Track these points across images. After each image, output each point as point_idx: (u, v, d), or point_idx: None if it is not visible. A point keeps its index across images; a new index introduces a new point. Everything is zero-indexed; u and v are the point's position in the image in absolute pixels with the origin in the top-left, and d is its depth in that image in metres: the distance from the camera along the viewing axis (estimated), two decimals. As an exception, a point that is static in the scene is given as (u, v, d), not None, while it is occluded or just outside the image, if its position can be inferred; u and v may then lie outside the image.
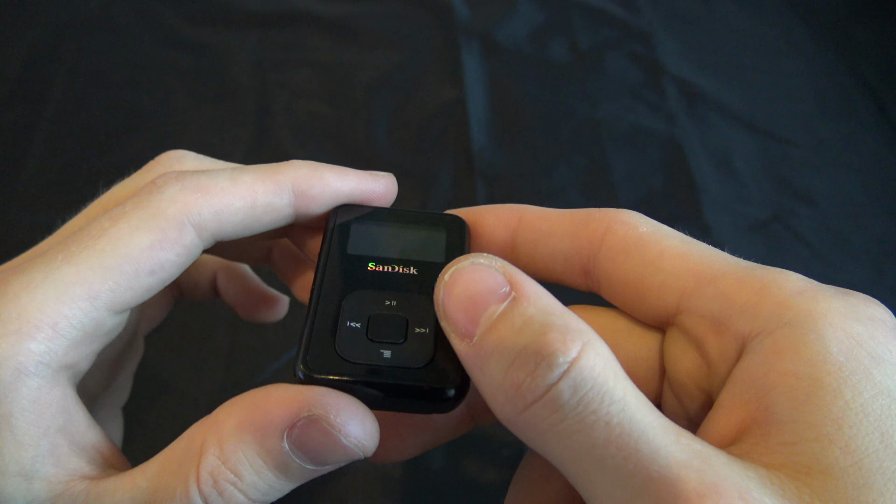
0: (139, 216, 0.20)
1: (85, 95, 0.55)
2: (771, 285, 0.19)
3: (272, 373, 0.43)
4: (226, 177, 0.22)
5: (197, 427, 0.20)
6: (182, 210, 0.21)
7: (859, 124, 0.61)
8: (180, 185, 0.21)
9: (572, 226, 0.23)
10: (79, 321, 0.20)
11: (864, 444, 0.16)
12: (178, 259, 0.21)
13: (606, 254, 0.22)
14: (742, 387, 0.18)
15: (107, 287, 0.20)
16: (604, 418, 0.16)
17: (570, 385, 0.17)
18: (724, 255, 0.21)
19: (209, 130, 0.55)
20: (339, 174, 0.24)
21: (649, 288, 0.21)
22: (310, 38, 0.61)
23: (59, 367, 0.20)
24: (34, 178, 0.51)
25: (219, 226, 0.21)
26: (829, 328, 0.17)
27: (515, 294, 0.18)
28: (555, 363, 0.17)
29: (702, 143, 0.58)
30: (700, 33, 0.65)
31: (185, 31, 0.60)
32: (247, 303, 0.32)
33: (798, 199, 0.56)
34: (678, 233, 0.22)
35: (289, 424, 0.19)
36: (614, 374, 0.17)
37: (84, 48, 0.58)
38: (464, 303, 0.19)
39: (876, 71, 0.64)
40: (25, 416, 0.19)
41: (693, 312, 0.20)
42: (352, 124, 0.56)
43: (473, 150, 0.55)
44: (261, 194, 0.22)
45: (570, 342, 0.17)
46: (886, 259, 0.53)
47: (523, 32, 0.63)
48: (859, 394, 0.16)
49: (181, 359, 0.43)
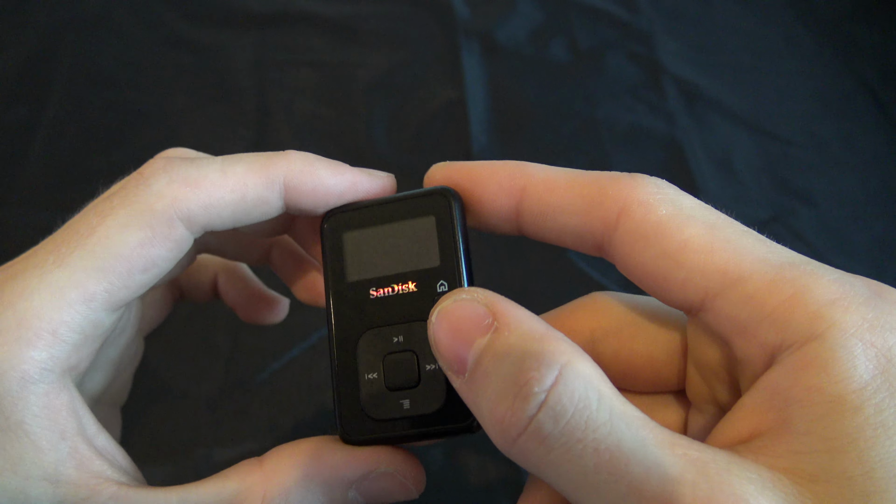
0: (127, 212, 0.20)
1: (85, 95, 0.55)
2: (801, 292, 0.18)
3: (272, 373, 0.43)
4: (216, 168, 0.21)
5: (248, 473, 0.21)
6: (171, 204, 0.21)
7: (859, 124, 0.61)
8: (168, 177, 0.21)
9: (584, 202, 0.21)
10: (77, 324, 0.20)
11: (877, 455, 0.16)
12: (169, 254, 0.21)
13: (622, 239, 0.20)
14: (766, 395, 0.18)
15: (102, 288, 0.20)
16: (591, 445, 0.16)
17: (550, 416, 0.16)
18: (753, 242, 0.19)
19: (209, 130, 0.55)
20: (334, 171, 0.23)
21: (671, 282, 0.20)
22: (310, 38, 0.61)
23: (63, 371, 0.20)
24: (34, 178, 0.51)
25: (208, 219, 0.21)
26: (858, 343, 0.17)
27: (497, 324, 0.18)
28: (531, 394, 0.17)
29: (702, 143, 0.58)
30: (700, 33, 0.65)
31: (185, 31, 0.60)
32: (247, 304, 0.32)
33: (798, 199, 0.56)
34: (703, 212, 0.20)
35: (360, 478, 0.21)
36: (598, 394, 0.17)
37: (84, 48, 0.58)
38: (452, 340, 0.19)
39: (876, 71, 0.64)
40: (39, 421, 0.19)
41: (717, 313, 0.19)
42: (352, 124, 0.56)
43: (473, 150, 0.55)
44: (251, 187, 0.22)
45: (546, 369, 0.17)
46: (886, 259, 0.53)
47: (523, 32, 0.63)
48: (881, 411, 0.16)
49: (181, 359, 0.43)
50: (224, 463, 0.40)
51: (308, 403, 0.43)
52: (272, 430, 0.42)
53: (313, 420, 0.42)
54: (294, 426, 0.42)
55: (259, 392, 0.43)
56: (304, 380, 0.44)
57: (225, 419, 0.42)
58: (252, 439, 0.41)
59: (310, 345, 0.45)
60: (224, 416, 0.42)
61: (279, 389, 0.43)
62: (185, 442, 0.41)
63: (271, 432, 0.42)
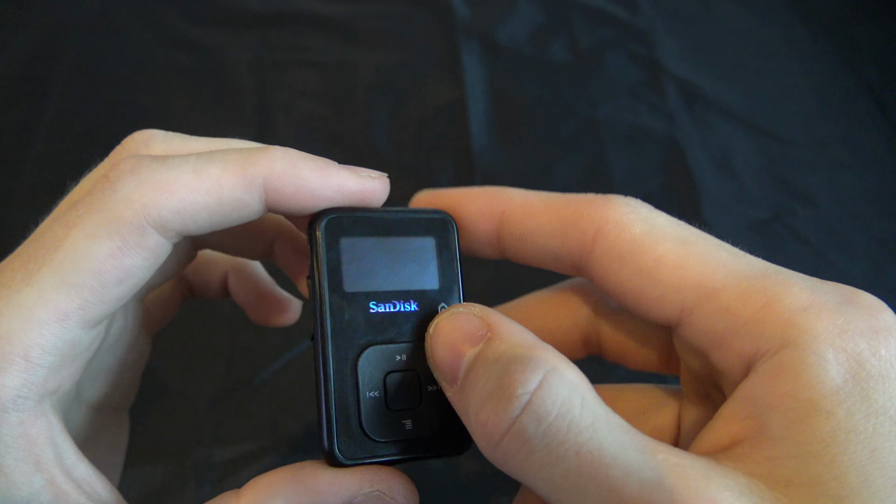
0: (94, 221, 0.19)
1: (85, 95, 0.55)
2: (774, 301, 0.18)
3: (272, 373, 0.43)
4: (188, 169, 0.20)
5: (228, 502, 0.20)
6: (140, 211, 0.19)
7: (859, 124, 0.61)
8: (136, 180, 0.19)
9: (560, 224, 0.22)
10: (52, 345, 0.19)
11: (850, 460, 0.16)
12: (145, 263, 0.20)
13: (599, 258, 0.21)
14: (743, 403, 0.18)
15: (75, 305, 0.19)
16: (573, 448, 0.16)
17: (534, 418, 0.17)
18: (726, 255, 0.20)
19: (209, 130, 0.54)
20: (320, 173, 0.21)
21: (648, 299, 0.20)
22: (310, 38, 0.61)
23: (40, 397, 0.19)
24: (34, 178, 0.51)
25: (182, 224, 0.20)
26: (830, 349, 0.17)
27: (490, 334, 0.19)
28: (514, 396, 0.17)
29: (702, 143, 0.58)
30: (700, 33, 0.65)
31: (185, 31, 0.60)
32: (257, 305, 0.30)
33: (798, 199, 0.56)
34: (676, 229, 0.21)
35: (345, 501, 0.20)
36: (581, 399, 0.17)
37: (84, 48, 0.58)
38: (447, 351, 0.19)
39: (876, 71, 0.64)
40: (12, 452, 0.18)
41: (694, 326, 0.20)
42: (352, 124, 0.56)
43: (473, 150, 0.55)
44: (227, 189, 0.20)
45: (531, 372, 0.17)
46: (886, 259, 0.53)
47: (523, 32, 0.63)
48: (852, 414, 0.17)
49: (181, 359, 0.43)
50: (224, 463, 0.40)
51: (308, 403, 0.43)
52: (272, 430, 0.42)
53: (313, 420, 0.42)
54: (294, 426, 0.42)
55: (259, 392, 0.43)
56: (305, 380, 0.43)
57: (225, 419, 0.42)
58: (252, 439, 0.41)
59: (310, 345, 0.45)
60: (224, 416, 0.42)
61: (279, 389, 0.43)
62: (185, 442, 0.41)
63: (271, 432, 0.42)
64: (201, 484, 0.39)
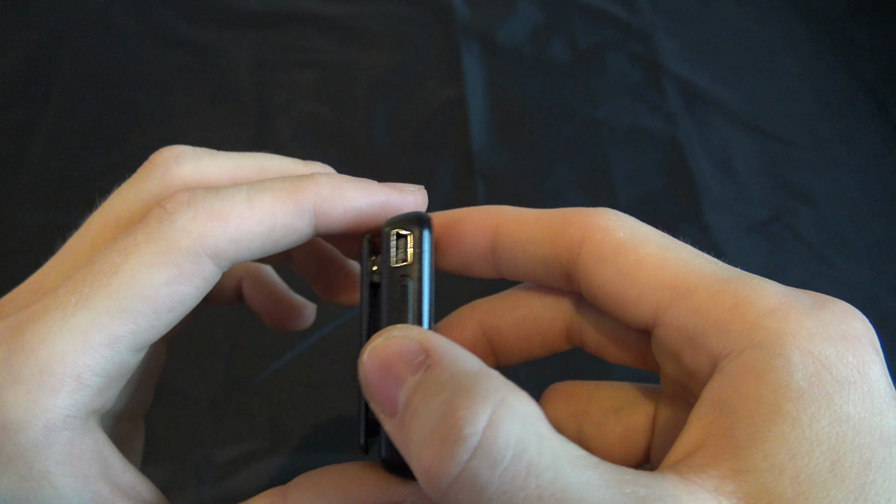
0: (152, 250, 0.19)
1: (85, 95, 0.55)
2: (743, 302, 0.18)
3: (272, 373, 0.43)
4: (241, 199, 0.20)
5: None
6: (197, 241, 0.20)
7: (859, 124, 0.61)
8: (193, 211, 0.20)
9: (550, 232, 0.22)
10: (102, 368, 0.19)
11: (813, 474, 0.16)
12: (197, 291, 0.20)
13: (585, 261, 0.21)
14: (709, 407, 0.18)
15: (127, 330, 0.19)
16: (535, 493, 0.15)
17: (486, 462, 0.15)
18: (703, 262, 0.20)
19: (209, 130, 0.55)
20: (364, 192, 0.22)
21: (627, 299, 0.21)
22: (310, 38, 0.61)
23: (87, 415, 0.19)
24: (34, 178, 0.51)
25: (236, 252, 0.20)
26: (795, 351, 0.17)
27: (430, 361, 0.17)
28: (461, 437, 0.15)
29: (702, 143, 0.58)
30: (700, 33, 0.65)
31: (185, 31, 0.60)
32: (273, 310, 0.30)
33: (798, 199, 0.56)
34: (658, 236, 0.21)
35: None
36: (537, 435, 0.16)
37: (84, 48, 0.58)
38: (382, 379, 0.18)
39: (876, 71, 0.64)
40: (62, 469, 0.19)
41: (668, 327, 0.20)
42: (352, 124, 0.56)
43: (473, 150, 0.55)
44: (280, 217, 0.21)
45: (479, 407, 0.15)
46: (886, 259, 0.53)
47: (523, 32, 0.63)
48: (816, 421, 0.16)
49: (181, 359, 0.43)
50: (224, 463, 0.40)
51: (308, 403, 0.43)
52: (272, 430, 0.42)
53: (314, 420, 0.42)
54: (294, 426, 0.42)
55: (259, 392, 0.43)
56: (305, 380, 0.44)
57: (225, 419, 0.42)
58: (252, 439, 0.41)
59: (310, 344, 0.45)
60: (224, 416, 0.42)
61: (279, 389, 0.43)
62: (185, 442, 0.41)
63: (271, 432, 0.42)
64: (201, 484, 0.39)
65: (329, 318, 0.45)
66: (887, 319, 0.50)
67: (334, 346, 0.45)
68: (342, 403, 0.43)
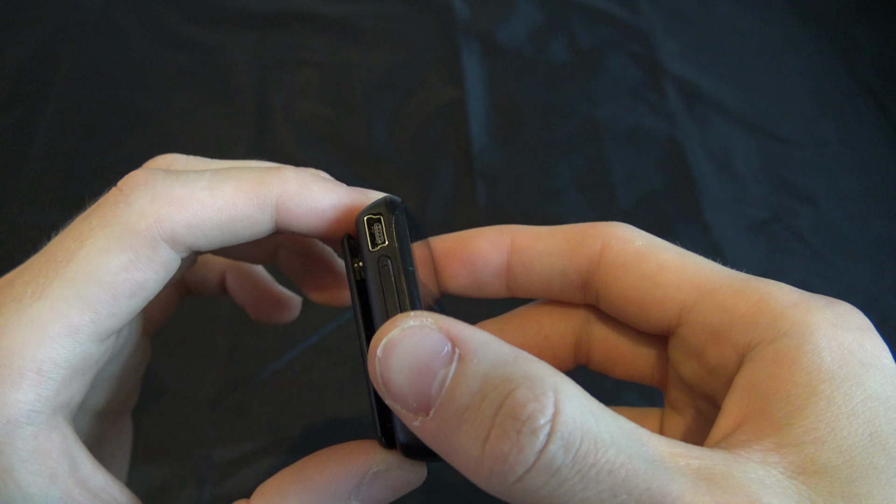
0: (107, 234, 0.19)
1: (85, 95, 0.55)
2: (767, 297, 0.20)
3: (272, 373, 0.43)
4: (202, 185, 0.20)
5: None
6: (154, 225, 0.19)
7: (859, 124, 0.61)
8: (151, 194, 0.19)
9: (568, 244, 0.23)
10: (64, 359, 0.18)
11: (855, 444, 0.17)
12: (156, 276, 0.20)
13: (605, 269, 0.22)
14: (744, 393, 0.19)
15: (87, 318, 0.19)
16: (605, 467, 0.16)
17: (561, 445, 0.15)
18: (719, 266, 0.21)
19: (209, 130, 0.55)
20: (330, 192, 0.21)
21: (650, 302, 0.21)
22: (310, 38, 0.61)
23: (53, 410, 0.19)
24: (34, 178, 0.51)
25: (194, 239, 0.20)
26: (822, 338, 0.18)
27: (460, 351, 0.17)
28: (537, 426, 0.15)
29: (702, 143, 0.58)
30: (700, 33, 0.65)
31: (185, 31, 0.60)
32: (257, 304, 0.30)
33: (798, 199, 0.56)
34: (672, 246, 0.22)
35: (356, 486, 0.20)
36: (593, 414, 0.16)
37: (84, 48, 0.58)
38: (408, 376, 0.17)
39: (876, 71, 0.64)
40: (27, 466, 0.18)
41: (693, 324, 0.21)
42: (352, 124, 0.56)
43: (473, 150, 0.55)
44: (241, 208, 0.20)
45: (543, 396, 0.16)
46: (886, 259, 0.53)
47: (523, 32, 0.63)
48: (850, 398, 0.17)
49: (181, 359, 0.43)
50: (224, 463, 0.40)
51: (308, 403, 0.43)
52: (272, 430, 0.42)
53: (313, 420, 0.42)
54: (294, 426, 0.42)
55: (259, 392, 0.43)
56: (305, 379, 0.44)
57: (225, 419, 0.42)
58: (252, 439, 0.41)
59: (310, 344, 0.45)
60: (224, 416, 0.42)
61: (279, 389, 0.43)
62: (185, 442, 0.41)
63: (271, 432, 0.42)
64: (201, 484, 0.39)
65: (329, 318, 0.45)
66: (888, 319, 0.50)
67: (334, 347, 0.45)
68: (342, 403, 0.43)
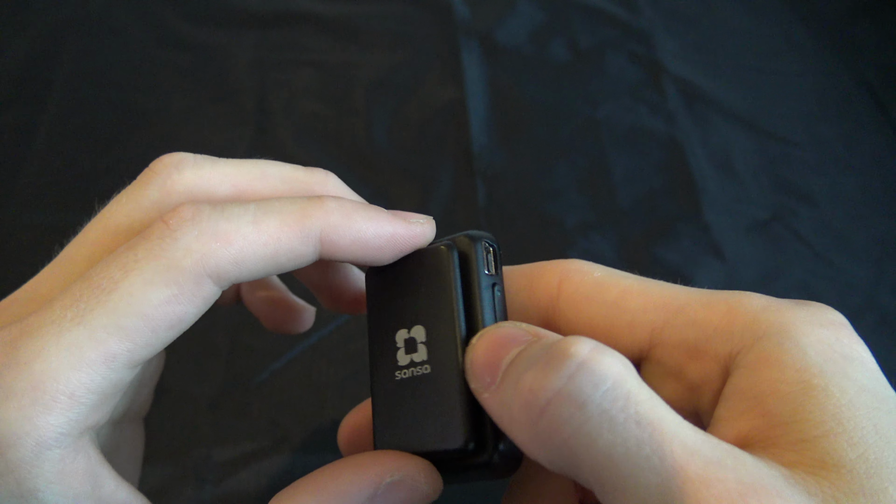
0: (153, 268, 0.19)
1: (85, 95, 0.55)
2: (737, 306, 0.19)
3: (272, 373, 0.43)
4: (248, 220, 0.20)
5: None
6: (199, 262, 0.19)
7: (859, 124, 0.61)
8: (197, 230, 0.19)
9: (526, 280, 0.23)
10: (97, 385, 0.19)
11: (864, 437, 0.16)
12: (196, 310, 0.20)
13: (566, 303, 0.22)
14: (736, 401, 0.18)
15: (124, 348, 0.19)
16: (633, 417, 0.16)
17: (590, 379, 0.16)
18: (682, 286, 0.21)
19: (209, 130, 0.55)
20: (373, 224, 0.22)
21: (618, 328, 0.21)
22: (310, 38, 0.61)
23: (81, 433, 0.19)
24: (34, 178, 0.51)
25: (238, 274, 0.20)
26: (801, 336, 0.18)
27: (536, 339, 0.18)
28: (567, 357, 0.16)
29: (702, 143, 0.58)
30: (700, 33, 0.65)
31: (185, 31, 0.60)
32: (271, 313, 0.30)
33: (798, 199, 0.56)
34: (631, 275, 0.22)
35: (369, 497, 0.20)
36: (636, 378, 0.17)
37: (84, 48, 0.58)
38: (487, 354, 0.19)
39: (876, 71, 0.64)
40: (52, 488, 0.18)
41: (667, 344, 0.20)
42: (352, 124, 0.56)
43: (473, 150, 0.55)
44: (285, 242, 0.20)
45: (581, 344, 0.17)
46: (886, 259, 0.53)
47: (523, 32, 0.63)
48: (845, 391, 0.17)
49: (181, 359, 0.43)
50: (224, 463, 0.40)
51: (308, 403, 0.43)
52: (272, 430, 0.42)
53: (314, 420, 0.42)
54: (294, 426, 0.42)
55: (259, 392, 0.43)
56: (304, 379, 0.44)
57: (225, 419, 0.42)
58: (252, 439, 0.41)
59: (310, 344, 0.45)
60: (224, 416, 0.42)
61: (279, 389, 0.43)
62: (185, 442, 0.41)
63: (271, 432, 0.42)
64: (201, 484, 0.39)
65: (329, 319, 0.45)
66: (887, 319, 0.50)
67: (334, 347, 0.45)
68: (342, 403, 0.43)
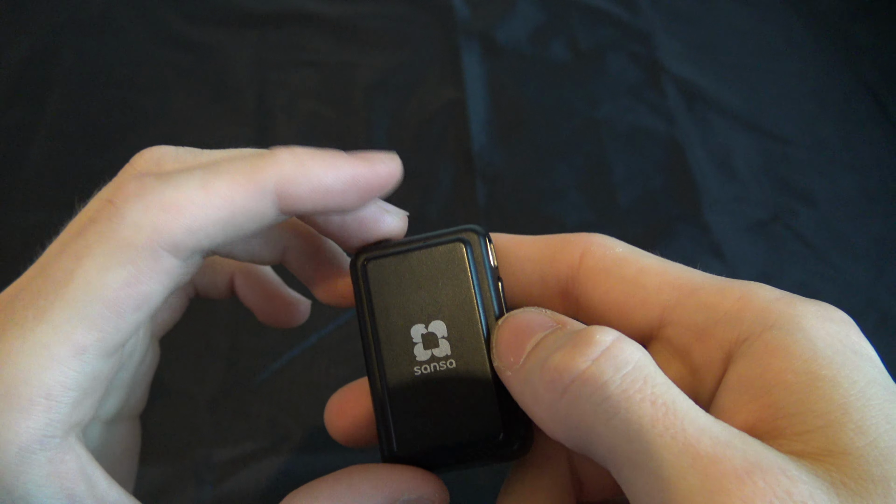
0: (105, 251, 0.18)
1: (85, 95, 0.55)
2: (750, 294, 0.20)
3: (272, 373, 0.43)
4: (195, 185, 0.19)
5: None
6: (152, 236, 0.18)
7: (859, 124, 0.61)
8: (143, 203, 0.18)
9: (549, 250, 0.23)
10: (73, 381, 0.18)
11: (874, 425, 0.16)
12: (161, 286, 0.19)
13: (586, 275, 0.23)
14: (741, 390, 0.19)
15: (93, 338, 0.18)
16: (649, 398, 0.17)
17: (611, 363, 0.17)
18: (700, 271, 0.22)
19: (209, 130, 0.55)
20: (330, 169, 0.21)
21: (632, 305, 0.22)
22: (310, 38, 0.61)
23: (66, 432, 0.18)
24: (34, 178, 0.51)
25: (196, 242, 0.19)
26: (811, 328, 0.18)
27: (560, 326, 0.20)
28: (593, 342, 0.18)
29: (702, 143, 0.58)
30: (700, 33, 0.65)
31: (185, 31, 0.60)
32: (265, 306, 0.29)
33: (798, 199, 0.56)
34: (651, 254, 0.23)
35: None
36: (654, 365, 0.18)
37: (84, 48, 0.58)
38: (513, 335, 0.20)
39: (876, 71, 0.64)
40: (44, 490, 0.18)
41: (677, 324, 0.21)
42: (352, 124, 0.56)
43: (473, 150, 0.55)
44: (239, 202, 0.19)
45: (606, 332, 0.18)
46: (886, 259, 0.53)
47: (523, 32, 0.63)
48: (854, 382, 0.17)
49: (181, 359, 0.43)
50: (224, 463, 0.40)
51: (308, 403, 0.43)
52: (272, 430, 0.42)
53: (314, 420, 0.42)
54: (294, 426, 0.42)
55: (259, 392, 0.43)
56: (305, 379, 0.44)
57: (225, 419, 0.42)
58: (252, 439, 0.41)
59: (310, 344, 0.45)
60: (224, 416, 0.42)
61: (279, 389, 0.43)
62: (185, 442, 0.41)
63: (271, 432, 0.42)
64: (201, 484, 0.39)
65: (329, 318, 0.45)
66: (887, 319, 0.50)
67: (334, 347, 0.45)
68: (342, 403, 0.43)
